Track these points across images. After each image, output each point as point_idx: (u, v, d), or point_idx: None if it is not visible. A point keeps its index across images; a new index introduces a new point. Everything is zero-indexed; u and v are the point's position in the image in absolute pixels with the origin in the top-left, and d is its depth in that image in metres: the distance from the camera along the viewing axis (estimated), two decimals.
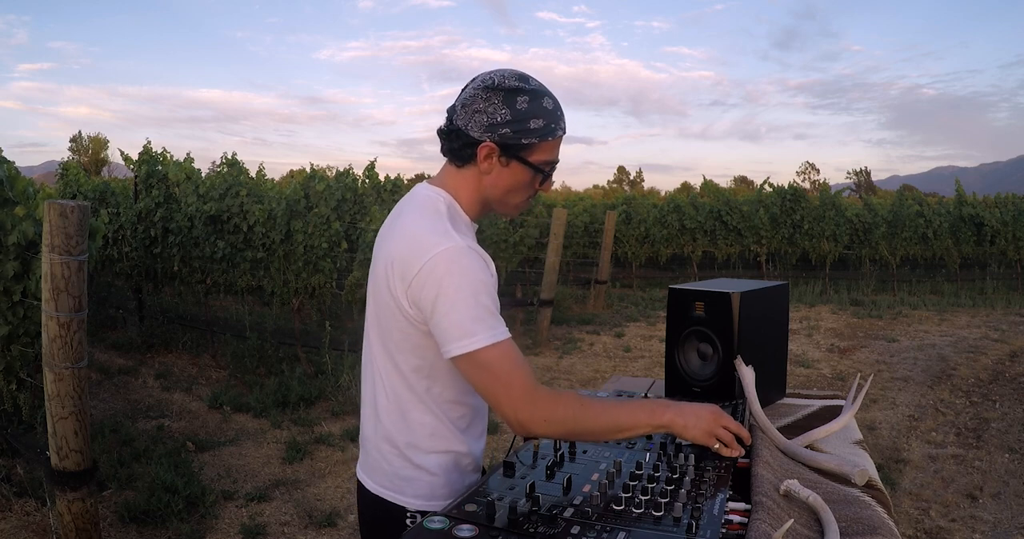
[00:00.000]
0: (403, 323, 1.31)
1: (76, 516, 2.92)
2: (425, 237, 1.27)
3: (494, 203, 1.40)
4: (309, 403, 5.45)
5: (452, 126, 1.34)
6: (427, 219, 1.32)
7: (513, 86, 1.31)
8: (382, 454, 1.42)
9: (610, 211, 11.29)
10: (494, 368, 1.24)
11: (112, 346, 7.13)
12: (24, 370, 3.48)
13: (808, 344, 8.06)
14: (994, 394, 6.02)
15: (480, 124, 1.30)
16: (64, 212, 2.69)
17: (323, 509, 3.71)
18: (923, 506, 3.83)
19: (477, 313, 1.23)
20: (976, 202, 13.43)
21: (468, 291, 1.23)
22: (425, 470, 1.39)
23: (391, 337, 1.35)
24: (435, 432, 1.38)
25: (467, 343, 1.23)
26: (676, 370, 1.79)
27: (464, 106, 1.32)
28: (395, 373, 1.37)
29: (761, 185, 14.10)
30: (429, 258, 1.24)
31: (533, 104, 1.31)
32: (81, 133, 68.23)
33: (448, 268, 1.23)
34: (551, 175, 1.39)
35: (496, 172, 1.34)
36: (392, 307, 1.32)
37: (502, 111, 1.29)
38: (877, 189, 61.52)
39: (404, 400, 1.37)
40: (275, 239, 6.07)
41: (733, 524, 1.10)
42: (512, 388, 1.24)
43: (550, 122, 1.33)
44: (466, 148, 1.33)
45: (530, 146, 1.32)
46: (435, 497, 1.39)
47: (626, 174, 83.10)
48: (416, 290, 1.26)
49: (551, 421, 1.26)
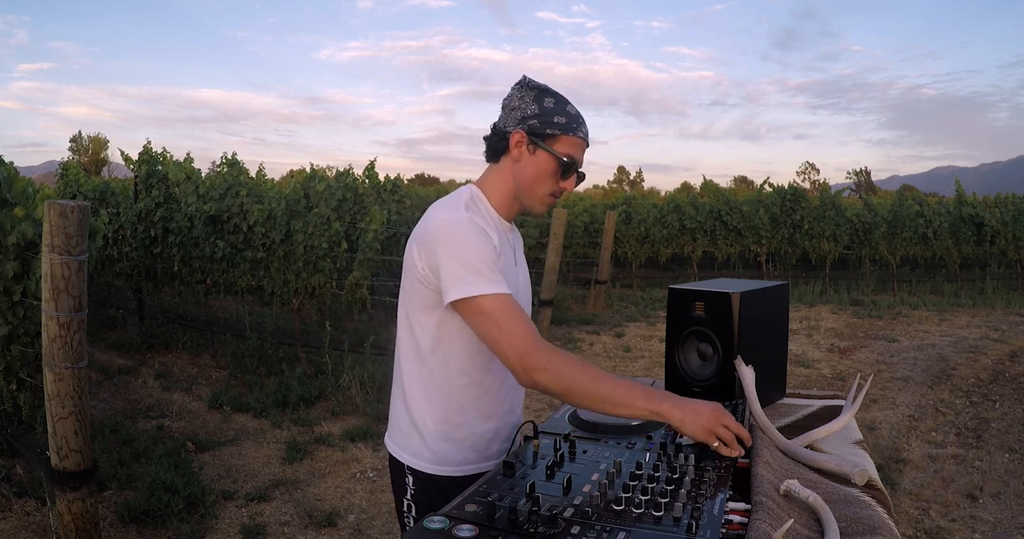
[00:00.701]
0: (419, 287, 1.49)
1: (76, 516, 2.92)
2: (437, 213, 1.49)
3: (523, 194, 1.56)
4: (309, 403, 5.44)
5: (495, 130, 1.57)
6: (446, 202, 1.54)
7: (543, 87, 1.54)
8: (395, 411, 1.62)
9: (610, 211, 11.29)
10: (494, 314, 1.37)
11: (112, 346, 7.13)
12: (24, 370, 3.47)
13: (808, 344, 8.05)
14: (994, 394, 6.02)
15: (514, 119, 1.53)
16: (64, 212, 2.69)
17: (323, 509, 3.71)
18: (923, 506, 3.83)
19: (476, 267, 1.38)
20: (976, 202, 13.43)
21: (467, 249, 1.40)
22: (418, 430, 1.56)
23: (410, 302, 1.53)
24: (434, 400, 1.54)
25: (465, 289, 1.38)
26: (676, 370, 1.79)
27: (504, 107, 1.56)
28: (410, 337, 1.54)
29: (761, 185, 14.09)
30: (435, 224, 1.44)
31: (558, 105, 1.53)
32: (81, 133, 68.29)
33: (449, 232, 1.42)
34: (573, 171, 1.55)
35: (525, 159, 1.53)
36: (413, 275, 1.49)
37: (532, 106, 1.51)
38: (877, 189, 61.52)
39: (414, 366, 1.55)
40: (275, 239, 6.07)
41: (733, 524, 1.10)
42: (514, 333, 1.36)
43: (571, 122, 1.52)
44: (501, 141, 1.55)
45: (554, 137, 1.51)
46: (422, 459, 1.56)
47: (626, 174, 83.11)
48: (427, 253, 1.44)
49: (552, 370, 1.34)
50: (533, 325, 1.39)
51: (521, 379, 1.37)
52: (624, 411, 1.35)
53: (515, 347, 1.35)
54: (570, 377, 1.33)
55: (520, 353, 1.34)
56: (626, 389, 1.35)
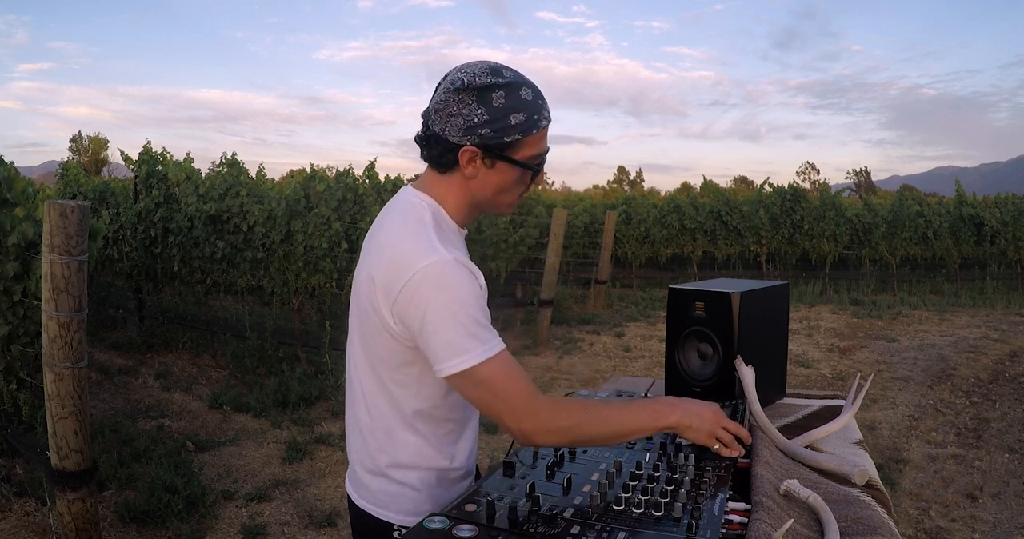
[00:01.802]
0: (388, 340, 1.25)
1: (76, 516, 2.92)
2: (409, 251, 1.20)
3: (485, 205, 1.33)
4: (309, 403, 5.44)
5: (428, 131, 1.26)
6: (410, 230, 1.24)
7: (485, 83, 1.20)
8: (365, 471, 1.38)
9: (610, 211, 11.29)
10: (491, 384, 1.19)
11: (112, 346, 7.13)
12: (24, 370, 3.47)
13: (808, 344, 8.05)
14: (994, 394, 6.01)
15: (457, 128, 1.21)
16: (64, 212, 2.69)
17: (323, 509, 3.70)
18: (923, 506, 3.83)
19: (468, 329, 1.17)
20: (976, 202, 13.43)
21: (457, 306, 1.17)
22: (408, 486, 1.35)
23: (376, 354, 1.29)
24: (419, 451, 1.34)
25: (460, 361, 1.17)
26: (676, 370, 1.79)
27: (438, 111, 1.23)
28: (380, 391, 1.32)
29: (761, 185, 14.09)
30: (413, 274, 1.17)
31: (511, 98, 1.21)
32: (81, 133, 68.26)
33: (434, 284, 1.17)
34: (541, 168, 1.31)
35: (482, 175, 1.26)
36: (377, 324, 1.25)
37: (478, 111, 1.20)
38: (877, 189, 61.51)
39: (389, 418, 1.32)
40: (275, 239, 6.07)
41: (733, 524, 1.10)
42: (512, 401, 1.20)
43: (532, 114, 1.23)
44: (446, 154, 1.25)
45: (514, 143, 1.23)
46: (420, 513, 1.34)
47: (626, 174, 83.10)
48: (402, 308, 1.19)
49: (554, 431, 1.23)
50: (529, 380, 1.23)
51: (522, 442, 1.26)
52: (637, 437, 1.31)
53: (514, 415, 1.20)
54: (574, 430, 1.24)
55: (519, 419, 1.21)
56: (632, 416, 1.29)
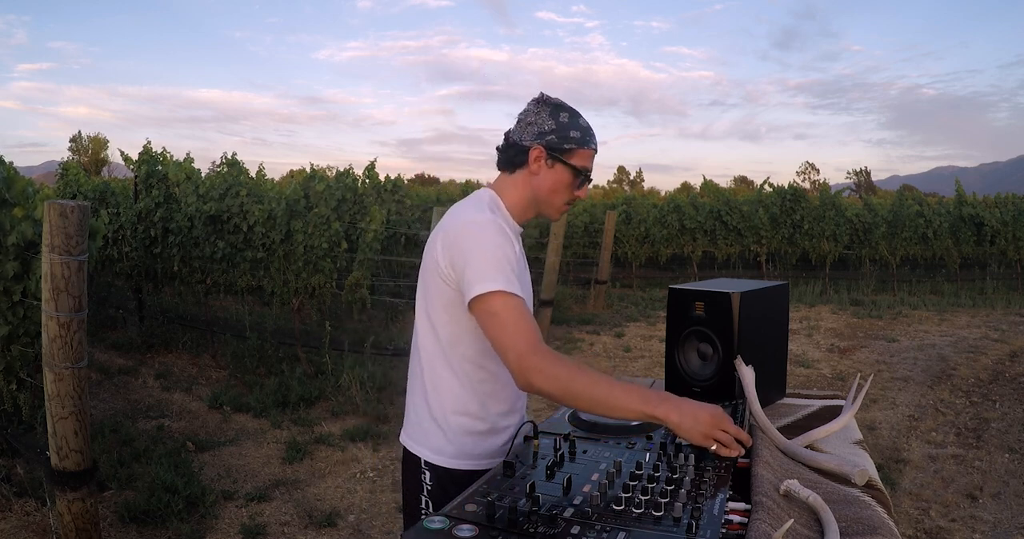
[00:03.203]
0: (440, 284, 1.54)
1: (76, 516, 2.92)
2: (464, 213, 1.56)
3: (540, 202, 1.64)
4: (309, 403, 5.44)
5: (509, 141, 1.64)
6: (468, 205, 1.61)
7: (557, 102, 1.62)
8: (414, 406, 1.64)
9: (610, 211, 11.28)
10: (504, 317, 1.41)
11: (112, 346, 7.13)
12: (24, 370, 3.47)
13: (808, 344, 8.05)
14: (994, 394, 6.01)
15: (532, 133, 1.60)
16: (64, 212, 2.69)
17: (323, 509, 3.71)
18: (923, 506, 3.83)
19: (497, 265, 1.44)
20: (976, 202, 13.43)
21: (491, 251, 1.46)
22: (439, 425, 1.59)
23: (430, 299, 1.58)
24: (455, 392, 1.58)
25: (484, 285, 1.42)
26: (676, 370, 1.79)
27: (519, 122, 1.63)
28: (430, 331, 1.59)
29: (761, 185, 14.09)
30: (465, 225, 1.51)
31: (572, 120, 1.61)
32: (81, 133, 68.26)
33: (477, 232, 1.48)
34: (586, 182, 1.64)
35: (543, 173, 1.61)
36: (435, 272, 1.54)
37: (549, 122, 1.59)
38: (877, 189, 61.51)
39: (434, 357, 1.59)
40: (275, 239, 6.07)
41: (733, 524, 1.11)
42: (518, 337, 1.39)
43: (585, 135, 1.61)
44: (519, 155, 1.61)
45: (571, 151, 1.59)
46: (443, 453, 1.59)
47: (626, 174, 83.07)
48: (451, 251, 1.50)
49: (548, 374, 1.36)
50: (538, 330, 1.42)
51: (518, 381, 1.40)
52: (621, 414, 1.37)
53: (516, 348, 1.38)
54: (566, 380, 1.36)
55: (519, 354, 1.37)
56: (623, 392, 1.36)
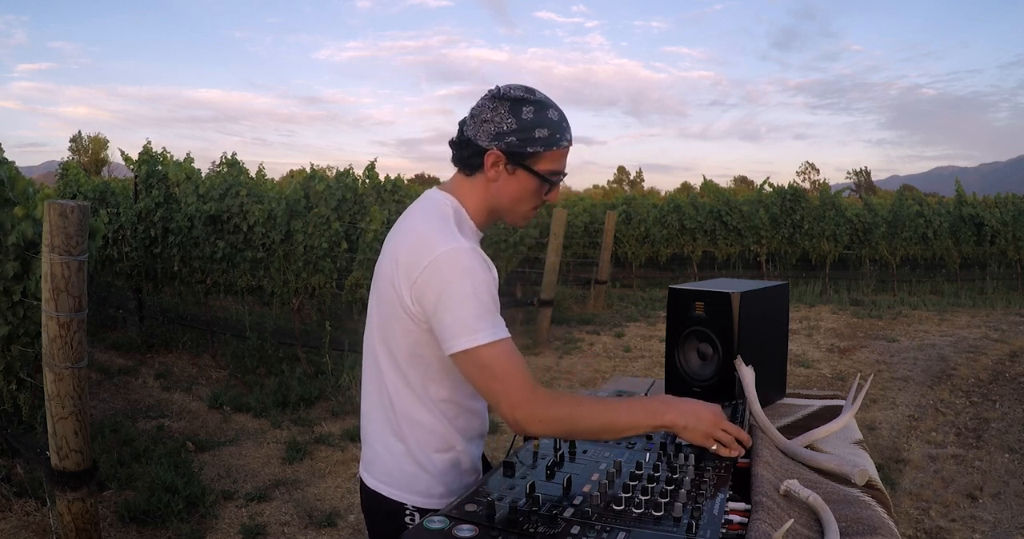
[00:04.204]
0: (405, 320, 1.35)
1: (76, 516, 2.92)
2: (430, 237, 1.32)
3: (502, 211, 1.45)
4: (309, 403, 5.44)
5: (463, 137, 1.41)
6: (433, 221, 1.36)
7: (519, 96, 1.36)
8: (388, 449, 1.45)
9: (610, 211, 11.29)
10: (493, 367, 1.27)
11: (112, 346, 7.13)
12: (24, 370, 3.47)
13: (808, 344, 8.05)
14: (994, 394, 6.01)
15: (487, 133, 1.36)
16: (64, 212, 2.69)
17: (323, 509, 3.71)
18: (923, 506, 3.83)
19: (479, 311, 1.27)
20: (976, 202, 13.43)
21: (471, 290, 1.27)
22: (424, 468, 1.43)
23: (393, 335, 1.39)
24: (435, 430, 1.42)
25: (469, 340, 1.26)
26: (676, 370, 1.79)
27: (473, 117, 1.39)
28: (396, 371, 1.41)
29: (761, 185, 14.09)
30: (434, 257, 1.29)
31: (538, 115, 1.36)
32: (81, 133, 68.25)
33: (452, 267, 1.28)
34: (557, 185, 1.43)
35: (503, 180, 1.39)
36: (396, 305, 1.35)
37: (508, 120, 1.35)
38: (877, 189, 61.52)
39: (405, 398, 1.41)
40: (275, 239, 6.07)
41: (733, 524, 1.10)
42: (510, 387, 1.27)
43: (555, 132, 1.37)
44: (474, 157, 1.39)
45: (535, 155, 1.37)
46: (431, 495, 1.44)
47: (626, 174, 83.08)
48: (420, 288, 1.30)
49: (547, 421, 1.28)
50: (529, 371, 1.31)
51: (515, 430, 1.31)
52: (631, 434, 1.33)
53: (509, 400, 1.27)
54: (567, 422, 1.29)
55: (512, 405, 1.27)
56: (627, 411, 1.32)
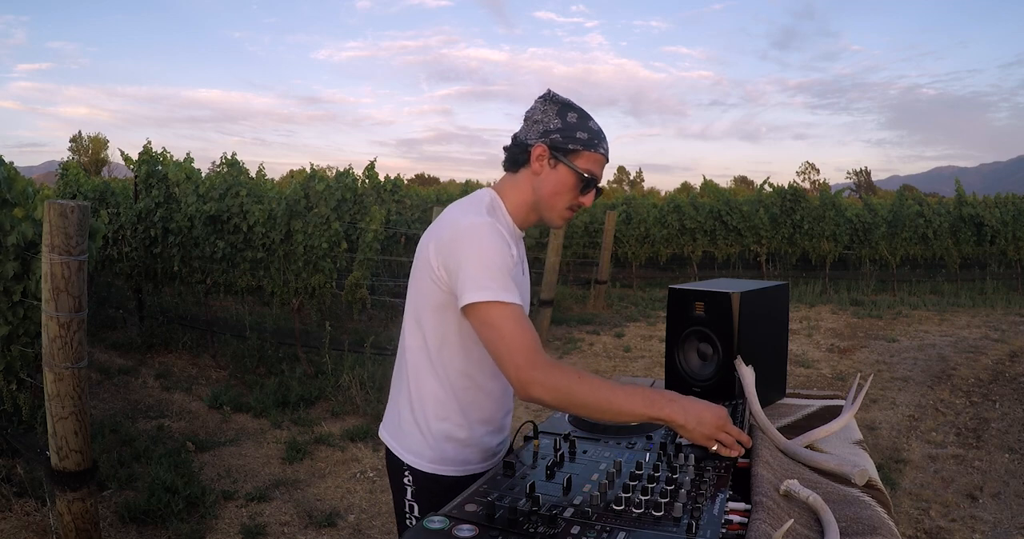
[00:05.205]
0: (431, 286, 1.48)
1: (76, 516, 2.92)
2: (461, 215, 1.48)
3: (542, 205, 1.56)
4: (309, 403, 5.44)
5: (516, 140, 1.57)
6: (466, 206, 1.53)
7: (566, 101, 1.54)
8: (396, 407, 1.61)
9: (610, 211, 11.28)
10: (501, 326, 1.36)
11: (112, 346, 7.13)
12: (24, 370, 3.47)
13: (808, 344, 8.05)
14: (994, 394, 6.01)
15: (536, 131, 1.53)
16: (64, 212, 2.69)
17: (323, 509, 3.70)
18: (923, 506, 3.83)
19: (492, 273, 1.38)
20: (976, 202, 13.42)
21: (488, 256, 1.39)
22: (421, 430, 1.56)
23: (420, 301, 1.53)
24: (438, 398, 1.54)
25: (479, 294, 1.36)
26: (676, 370, 1.79)
27: (526, 120, 1.57)
28: (417, 333, 1.55)
29: (761, 185, 14.09)
30: (460, 228, 1.43)
31: (581, 121, 1.53)
32: (81, 133, 68.24)
33: (473, 236, 1.41)
34: (592, 187, 1.55)
35: (546, 172, 1.53)
36: (426, 273, 1.49)
37: (555, 120, 1.52)
38: (877, 189, 61.53)
39: (419, 360, 1.55)
40: (275, 239, 6.07)
41: (733, 524, 1.10)
42: (516, 347, 1.34)
43: (593, 138, 1.53)
44: (522, 153, 1.55)
45: (576, 152, 1.52)
46: (423, 457, 1.56)
47: (626, 174, 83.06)
48: (445, 254, 1.44)
49: (547, 385, 1.33)
50: (537, 339, 1.37)
51: (518, 393, 1.37)
52: (626, 418, 1.35)
53: (515, 361, 1.34)
54: (567, 391, 1.32)
55: (518, 366, 1.33)
56: (626, 396, 1.33)
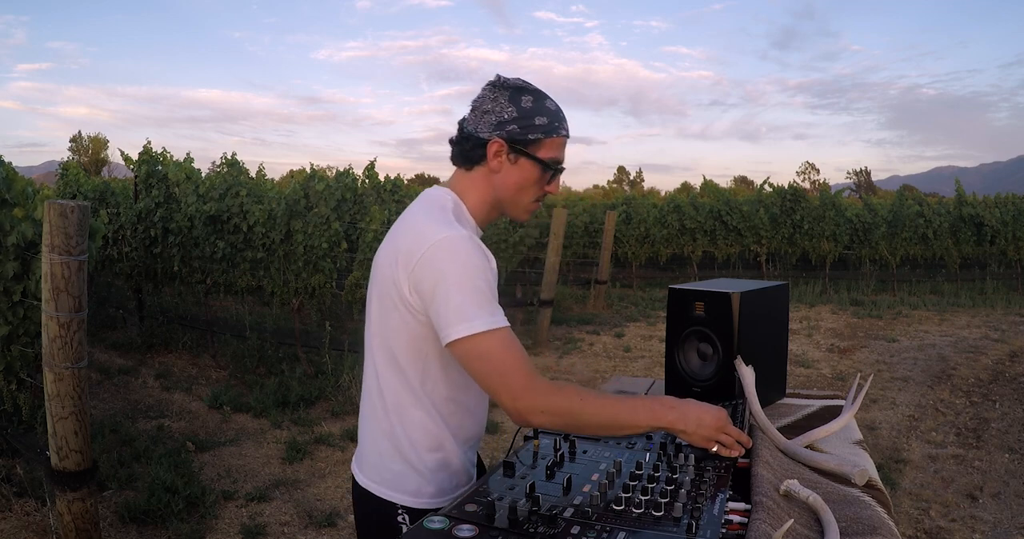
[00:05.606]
0: (403, 313, 1.34)
1: (76, 516, 2.92)
2: (427, 226, 1.31)
3: (505, 204, 1.44)
4: (309, 403, 5.44)
5: (463, 133, 1.42)
6: (432, 212, 1.36)
7: (519, 85, 1.39)
8: (378, 448, 1.44)
9: (610, 211, 11.28)
10: (492, 356, 1.25)
11: (112, 346, 7.13)
12: (24, 370, 3.47)
13: (808, 344, 8.05)
14: (994, 394, 6.01)
15: (489, 123, 1.37)
16: (64, 212, 2.69)
17: (323, 509, 3.70)
18: (923, 506, 3.83)
19: (476, 299, 1.25)
20: (976, 202, 13.42)
21: (468, 277, 1.26)
22: (414, 467, 1.41)
23: (390, 328, 1.37)
24: (427, 429, 1.40)
25: (465, 327, 1.24)
26: (676, 370, 1.79)
27: (474, 109, 1.41)
28: (393, 367, 1.39)
29: (761, 185, 14.09)
30: (431, 245, 1.27)
31: (537, 103, 1.38)
32: (81, 133, 68.23)
33: (449, 254, 1.26)
34: (558, 174, 1.44)
35: (506, 169, 1.39)
36: (394, 297, 1.34)
37: (508, 109, 1.36)
38: (877, 189, 61.52)
39: (401, 395, 1.39)
40: (275, 239, 6.07)
41: (733, 524, 1.10)
42: (510, 376, 1.25)
43: (553, 121, 1.39)
44: (476, 149, 1.39)
45: (536, 142, 1.38)
46: (421, 495, 1.42)
47: (626, 174, 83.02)
48: (417, 276, 1.29)
49: (548, 411, 1.26)
50: (528, 359, 1.29)
51: (516, 421, 1.29)
52: (629, 431, 1.32)
53: (510, 392, 1.25)
54: (567, 414, 1.27)
55: (514, 396, 1.25)
56: (629, 411, 1.30)
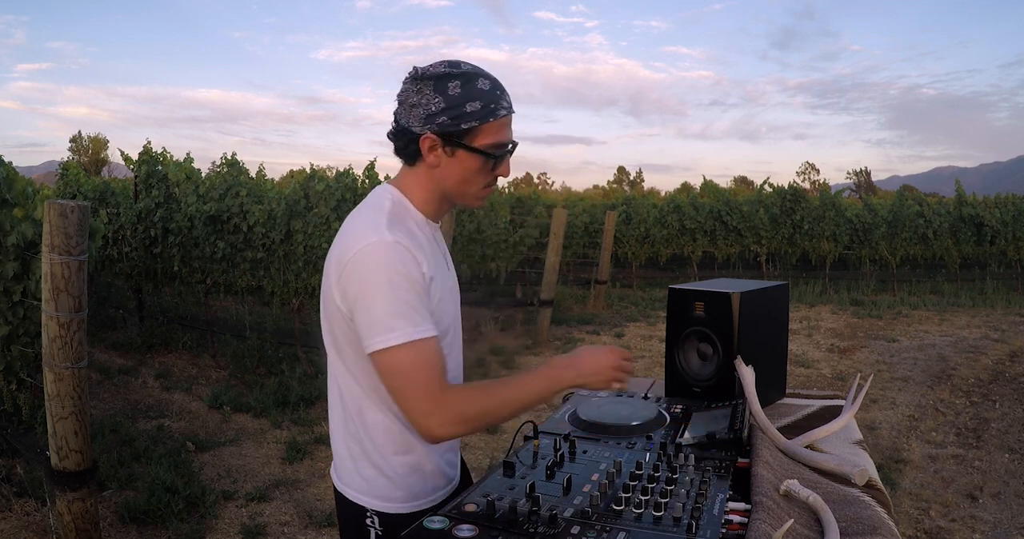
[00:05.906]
0: (340, 319, 1.30)
1: (76, 516, 2.92)
2: (356, 232, 1.27)
3: (453, 196, 1.38)
4: (309, 403, 5.44)
5: (398, 126, 1.34)
6: (366, 215, 1.31)
7: (441, 73, 1.28)
8: (348, 451, 1.41)
9: (610, 211, 11.28)
10: (402, 372, 1.23)
11: (112, 346, 7.13)
12: (24, 370, 3.47)
13: (808, 344, 8.05)
14: (994, 394, 6.01)
15: (418, 117, 1.28)
16: (64, 212, 2.69)
17: (323, 509, 3.70)
18: (923, 506, 3.83)
19: (397, 309, 1.22)
20: (976, 202, 13.42)
21: (388, 286, 1.22)
22: (383, 471, 1.38)
23: (335, 334, 1.34)
24: (390, 430, 1.36)
25: (380, 340, 1.22)
26: (676, 370, 1.79)
27: (401, 104, 1.32)
28: (345, 372, 1.36)
29: (761, 185, 14.09)
30: (355, 253, 1.24)
31: (467, 87, 1.27)
32: (81, 133, 68.23)
33: (370, 262, 1.22)
34: (505, 157, 1.35)
35: (444, 163, 1.32)
36: (333, 304, 1.30)
37: (435, 100, 1.27)
38: (877, 189, 61.53)
39: (358, 398, 1.36)
40: (275, 239, 6.07)
41: (733, 524, 1.10)
42: (416, 391, 1.23)
43: (488, 103, 1.28)
44: (411, 144, 1.32)
45: (471, 131, 1.29)
46: (392, 500, 1.38)
47: (626, 174, 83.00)
48: (343, 285, 1.26)
49: (461, 421, 1.26)
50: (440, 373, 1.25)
51: (427, 440, 1.29)
52: (536, 405, 1.35)
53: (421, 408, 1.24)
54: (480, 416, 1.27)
55: (425, 414, 1.23)
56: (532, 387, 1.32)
